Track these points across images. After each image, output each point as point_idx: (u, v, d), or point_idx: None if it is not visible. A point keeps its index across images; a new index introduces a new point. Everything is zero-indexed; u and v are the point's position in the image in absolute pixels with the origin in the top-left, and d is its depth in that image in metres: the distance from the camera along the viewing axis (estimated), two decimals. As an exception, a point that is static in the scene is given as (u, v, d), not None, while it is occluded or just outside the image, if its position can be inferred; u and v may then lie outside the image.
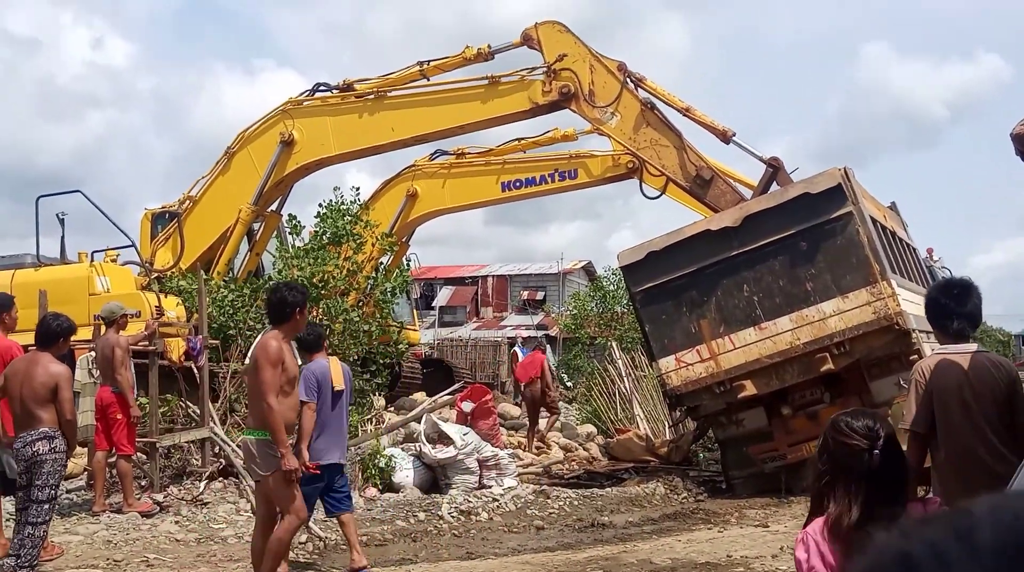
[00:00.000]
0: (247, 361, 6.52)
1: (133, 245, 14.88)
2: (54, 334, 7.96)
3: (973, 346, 4.69)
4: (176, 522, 9.88)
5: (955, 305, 4.63)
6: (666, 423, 16.21)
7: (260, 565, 6.68)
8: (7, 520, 8.45)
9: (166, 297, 13.84)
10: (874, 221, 11.65)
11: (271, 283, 9.09)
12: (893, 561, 0.34)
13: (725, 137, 13.19)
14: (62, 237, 15.08)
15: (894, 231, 13.11)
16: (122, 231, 14.69)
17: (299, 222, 16.03)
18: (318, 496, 7.70)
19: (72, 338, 8.50)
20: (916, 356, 11.08)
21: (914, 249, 14.81)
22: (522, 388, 16.82)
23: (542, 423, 16.37)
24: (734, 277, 11.46)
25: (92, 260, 14.62)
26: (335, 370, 7.74)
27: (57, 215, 14.82)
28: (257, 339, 6.59)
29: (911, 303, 11.83)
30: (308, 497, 7.33)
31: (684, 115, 13.49)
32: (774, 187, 12.47)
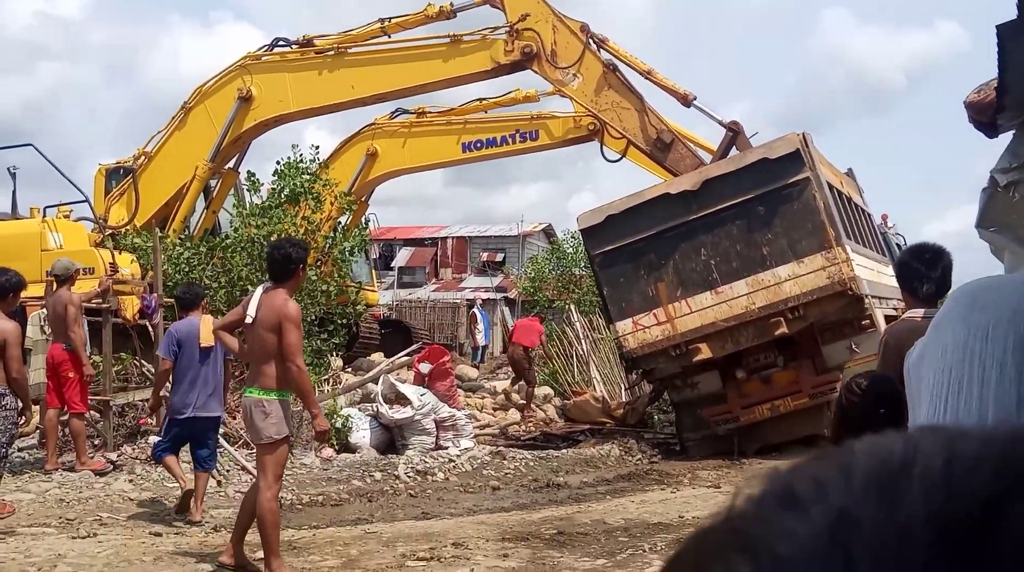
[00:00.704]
0: (254, 317, 6.37)
1: (87, 201, 14.62)
2: (2, 289, 7.83)
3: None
4: (130, 481, 9.82)
5: (926, 269, 4.62)
6: (622, 386, 16.35)
7: (242, 519, 6.66)
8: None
9: (120, 254, 13.65)
10: (831, 187, 11.75)
11: (273, 239, 9.05)
12: (777, 491, 0.37)
13: (686, 101, 13.21)
14: (13, 192, 14.83)
15: (850, 197, 13.24)
16: (75, 186, 14.44)
17: (258, 179, 15.86)
18: (180, 448, 8.64)
19: (23, 294, 8.37)
20: (868, 321, 11.26)
21: (869, 215, 14.97)
22: (509, 349, 16.62)
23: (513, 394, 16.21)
24: (692, 241, 11.51)
25: (44, 216, 14.37)
26: (204, 328, 8.30)
27: (8, 169, 14.58)
28: (257, 296, 6.47)
29: (865, 269, 11.98)
30: (175, 450, 8.50)
31: (646, 78, 13.48)
32: (733, 152, 12.53)
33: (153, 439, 9.47)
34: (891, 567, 0.32)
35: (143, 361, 12.28)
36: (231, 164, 16.40)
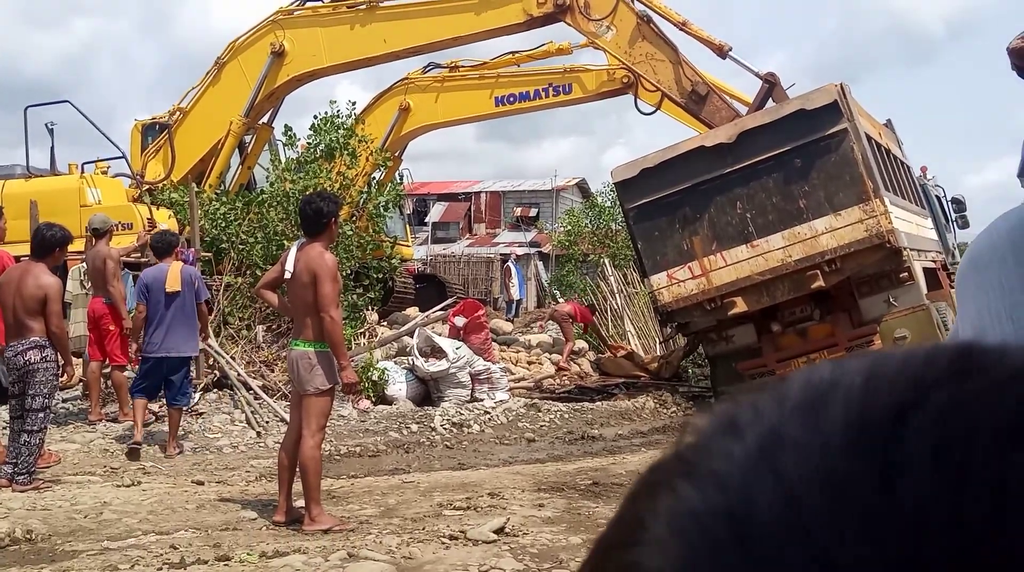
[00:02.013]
0: (292, 272, 6.51)
1: (124, 157, 14.73)
2: (49, 244, 7.95)
3: None
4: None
5: None
6: (657, 339, 16.34)
7: (285, 475, 6.72)
8: (2, 428, 8.56)
9: (158, 209, 13.78)
10: (869, 138, 11.59)
11: (305, 194, 9.23)
12: (721, 421, 0.40)
13: (721, 52, 13.04)
14: (52, 148, 14.92)
15: (889, 149, 13.06)
16: (112, 142, 14.55)
17: (295, 134, 15.88)
18: (159, 388, 9.34)
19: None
20: (906, 274, 11.16)
21: (908, 167, 14.76)
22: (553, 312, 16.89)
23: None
24: (727, 194, 11.42)
25: (83, 172, 14.50)
26: (172, 274, 9.11)
27: (46, 125, 14.64)
28: (293, 251, 6.59)
29: (903, 221, 11.85)
30: (150, 389, 9.13)
31: (680, 29, 13.30)
32: (770, 103, 12.38)
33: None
34: (812, 472, 0.35)
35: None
36: (265, 119, 16.43)
